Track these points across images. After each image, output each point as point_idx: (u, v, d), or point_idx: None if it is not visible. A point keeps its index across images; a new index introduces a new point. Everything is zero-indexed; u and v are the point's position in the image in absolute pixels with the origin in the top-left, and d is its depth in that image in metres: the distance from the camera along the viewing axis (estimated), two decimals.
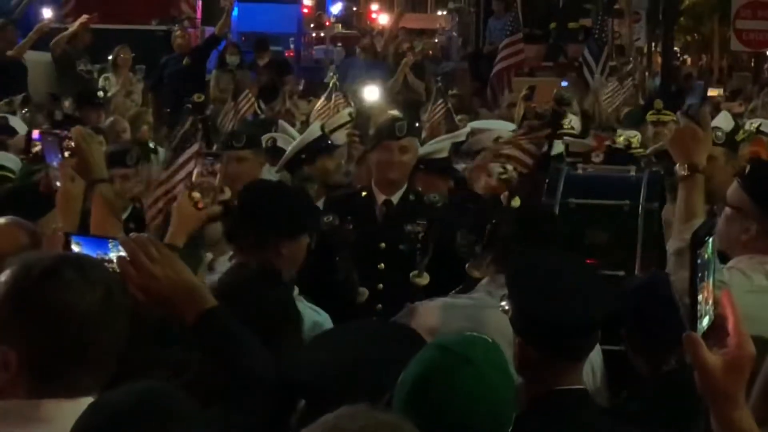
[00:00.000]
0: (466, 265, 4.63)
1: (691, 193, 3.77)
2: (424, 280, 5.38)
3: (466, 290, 4.48)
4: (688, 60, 38.95)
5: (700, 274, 2.14)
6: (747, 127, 7.72)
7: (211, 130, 7.71)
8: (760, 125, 7.89)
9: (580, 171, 5.25)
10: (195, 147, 5.07)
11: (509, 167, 5.79)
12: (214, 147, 6.03)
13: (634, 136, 8.18)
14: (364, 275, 5.51)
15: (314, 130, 7.05)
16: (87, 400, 2.47)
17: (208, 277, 4.35)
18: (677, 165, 3.81)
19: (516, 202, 4.60)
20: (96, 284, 2.59)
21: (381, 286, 5.54)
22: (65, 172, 3.99)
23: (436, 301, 4.37)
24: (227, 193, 4.38)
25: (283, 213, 4.49)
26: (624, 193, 4.90)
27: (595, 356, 3.98)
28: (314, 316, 4.43)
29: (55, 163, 4.11)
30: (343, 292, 5.40)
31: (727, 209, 4.33)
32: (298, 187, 5.89)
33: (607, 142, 6.33)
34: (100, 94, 11.65)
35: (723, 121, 7.48)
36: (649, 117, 9.13)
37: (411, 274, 5.34)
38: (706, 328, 2.14)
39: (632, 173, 5.19)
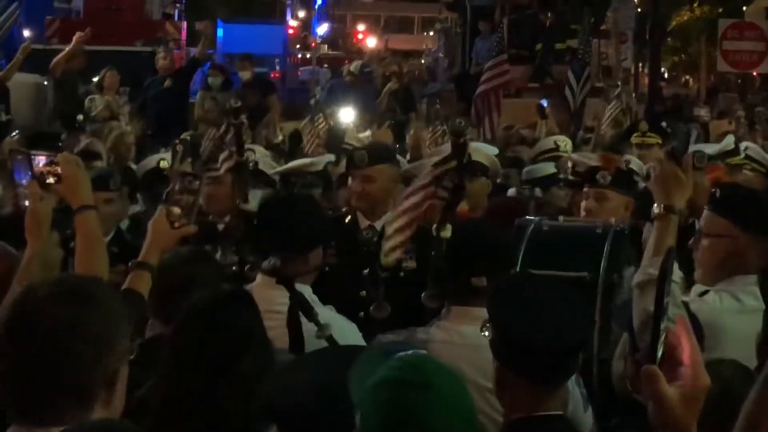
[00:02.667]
0: (422, 296, 4.57)
1: (664, 232, 3.81)
2: (384, 312, 5.05)
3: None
4: (690, 81, 38.97)
5: (665, 307, 2.12)
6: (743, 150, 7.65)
7: (190, 150, 7.67)
8: (746, 148, 7.83)
9: (545, 227, 4.97)
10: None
11: None
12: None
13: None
14: (345, 302, 5.13)
15: (325, 161, 6.88)
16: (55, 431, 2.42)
17: None
18: (654, 204, 3.82)
19: (446, 232, 4.46)
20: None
21: (362, 314, 5.23)
22: (33, 191, 3.94)
23: (390, 335, 4.30)
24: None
25: (311, 224, 4.75)
26: (585, 260, 4.69)
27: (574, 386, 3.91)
28: (342, 323, 4.51)
29: (24, 181, 4.06)
30: None
31: (706, 240, 4.30)
32: (310, 196, 5.77)
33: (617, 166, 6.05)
34: (80, 117, 11.59)
35: (725, 144, 7.44)
36: (634, 139, 9.04)
37: (371, 307, 5.08)
38: (660, 358, 2.13)
39: (599, 229, 4.94)
